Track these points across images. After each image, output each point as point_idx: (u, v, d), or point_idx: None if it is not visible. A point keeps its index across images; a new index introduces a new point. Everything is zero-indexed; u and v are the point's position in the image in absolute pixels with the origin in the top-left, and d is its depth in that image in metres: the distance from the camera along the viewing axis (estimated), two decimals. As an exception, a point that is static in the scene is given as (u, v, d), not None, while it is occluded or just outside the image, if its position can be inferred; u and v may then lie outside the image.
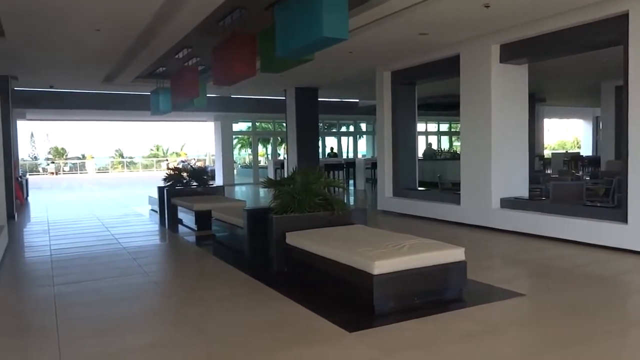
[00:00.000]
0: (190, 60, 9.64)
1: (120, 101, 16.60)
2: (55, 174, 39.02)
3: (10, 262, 6.38)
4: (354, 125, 25.04)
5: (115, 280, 5.37)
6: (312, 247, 4.75)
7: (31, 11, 6.28)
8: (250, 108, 19.48)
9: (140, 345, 3.51)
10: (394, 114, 10.17)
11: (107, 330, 3.77)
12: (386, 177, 10.30)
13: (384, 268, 3.91)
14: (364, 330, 3.61)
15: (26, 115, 17.09)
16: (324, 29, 4.48)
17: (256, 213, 6.13)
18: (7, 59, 8.87)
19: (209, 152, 38.68)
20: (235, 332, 3.67)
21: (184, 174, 11.03)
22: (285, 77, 11.16)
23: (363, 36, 7.56)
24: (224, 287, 5.04)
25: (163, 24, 6.87)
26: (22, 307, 4.63)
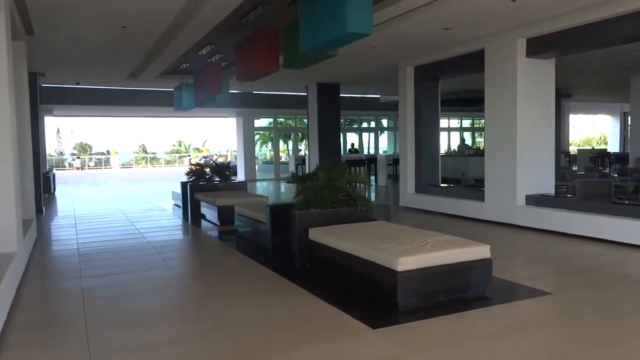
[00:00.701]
0: (213, 57, 9.70)
1: (144, 97, 16.82)
2: (81, 169, 39.79)
3: (39, 255, 6.52)
4: (376, 121, 24.91)
5: (140, 274, 5.45)
6: (335, 243, 4.74)
7: (59, 10, 6.40)
8: (272, 104, 19.55)
9: (166, 338, 3.55)
10: (417, 110, 10.08)
11: (133, 323, 3.83)
12: (408, 173, 10.23)
13: (408, 265, 3.89)
14: (388, 327, 3.60)
15: (53, 111, 17.42)
16: (348, 24, 4.45)
17: (279, 208, 6.16)
18: (36, 56, 9.05)
19: (230, 148, 38.93)
20: (259, 327, 3.69)
21: (206, 169, 11.13)
22: (307, 73, 11.14)
23: (386, 31, 7.50)
24: (247, 282, 5.08)
25: (187, 20, 6.92)
26: (52, 299, 4.74)
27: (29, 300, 4.50)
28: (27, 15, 6.62)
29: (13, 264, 4.44)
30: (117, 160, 44.43)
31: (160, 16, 6.76)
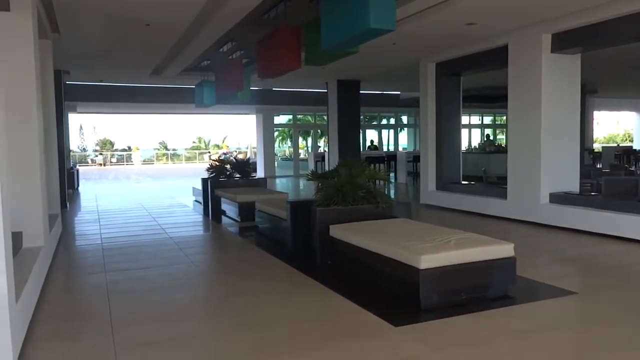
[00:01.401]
0: (234, 54, 9.74)
1: (166, 94, 17.00)
2: (103, 165, 40.41)
3: (64, 249, 6.64)
4: (395, 118, 24.77)
5: (163, 269, 5.51)
6: (356, 240, 4.73)
7: (85, 8, 6.49)
8: (292, 101, 19.57)
9: (188, 333, 3.58)
10: (438, 106, 10.00)
11: (156, 318, 3.87)
12: (429, 170, 10.16)
13: (430, 262, 3.86)
14: (410, 325, 3.58)
15: (77, 108, 17.72)
16: (371, 20, 4.41)
17: (299, 205, 6.16)
18: (61, 54, 9.20)
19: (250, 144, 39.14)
20: (281, 323, 3.70)
21: (227, 166, 11.20)
22: (327, 69, 11.13)
23: (408, 27, 7.44)
24: (268, 278, 5.09)
25: (209, 17, 6.96)
26: (77, 292, 4.82)
27: (55, 293, 4.59)
28: (53, 13, 6.73)
29: (40, 258, 4.53)
30: (138, 157, 45.00)
31: (183, 13, 6.82)
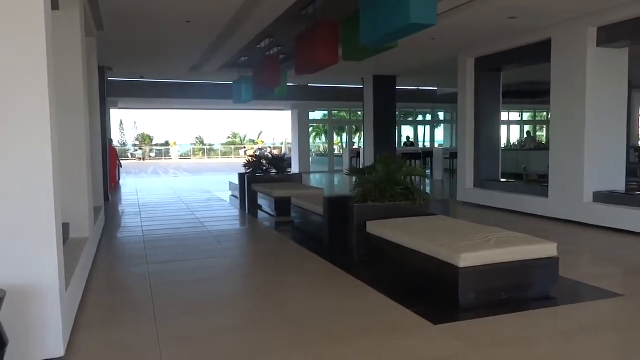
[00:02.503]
0: (272, 50, 9.82)
1: (204, 90, 17.29)
2: (143, 159, 41.48)
3: (108, 241, 6.86)
4: (432, 114, 24.46)
5: (202, 261, 5.63)
6: (394, 236, 4.71)
7: (128, 6, 6.66)
8: (327, 96, 19.59)
9: (227, 325, 3.65)
10: (477, 102, 9.82)
11: (197, 309, 3.95)
12: (467, 167, 10.00)
13: (470, 261, 3.80)
14: (449, 324, 3.54)
15: (118, 104, 18.21)
16: (411, 15, 4.37)
17: (336, 201, 6.17)
18: (104, 51, 9.48)
19: (285, 140, 39.39)
20: (319, 317, 3.72)
21: (263, 161, 11.32)
22: (363, 65, 11.07)
23: (447, 21, 7.33)
24: (305, 273, 5.13)
25: (248, 14, 7.04)
26: (121, 283, 4.97)
27: (100, 283, 4.75)
28: (98, 11, 6.94)
29: (86, 249, 4.69)
30: (176, 152, 45.98)
31: (222, 11, 6.92)
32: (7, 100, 2.73)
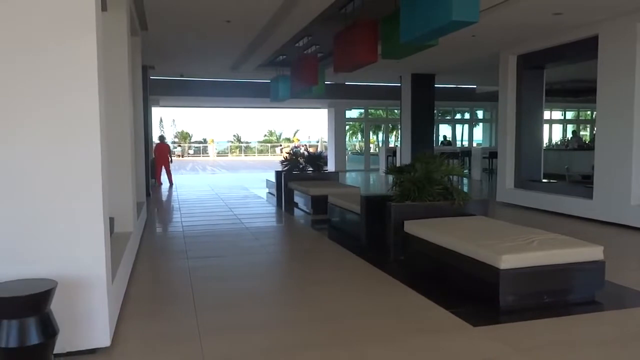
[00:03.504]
0: (310, 48, 9.85)
1: (242, 88, 17.51)
2: (181, 156, 42.36)
3: (149, 235, 7.05)
4: (470, 113, 24.03)
5: (240, 257, 5.71)
6: (433, 236, 4.66)
7: (172, 7, 6.82)
8: (364, 94, 19.53)
9: (266, 320, 3.70)
10: (519, 100, 9.60)
11: (236, 304, 4.02)
12: (507, 167, 9.79)
13: (511, 263, 3.73)
14: (489, 326, 3.49)
15: (159, 102, 18.65)
16: (453, 12, 4.31)
17: (373, 200, 6.15)
18: (147, 50, 9.73)
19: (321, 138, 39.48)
20: (356, 316, 3.72)
21: (300, 159, 11.38)
22: (402, 63, 10.98)
23: (489, 18, 7.19)
24: (342, 270, 5.14)
25: (287, 13, 7.09)
26: (162, 276, 5.10)
27: (142, 276, 4.88)
28: (142, 11, 7.13)
29: (130, 243, 4.83)
30: (213, 149, 46.74)
31: (263, 10, 6.99)
32: (61, 99, 2.84)
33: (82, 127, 2.88)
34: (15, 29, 2.74)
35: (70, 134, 2.86)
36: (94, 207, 2.93)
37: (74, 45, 2.84)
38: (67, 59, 2.83)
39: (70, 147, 2.87)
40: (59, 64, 2.82)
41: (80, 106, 2.87)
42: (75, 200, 2.89)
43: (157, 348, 3.17)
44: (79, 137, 2.88)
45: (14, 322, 2.41)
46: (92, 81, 2.89)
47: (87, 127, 2.89)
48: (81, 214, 2.91)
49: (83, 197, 2.91)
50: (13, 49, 2.75)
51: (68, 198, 2.88)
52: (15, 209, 2.79)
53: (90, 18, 2.86)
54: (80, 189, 2.90)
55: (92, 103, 2.89)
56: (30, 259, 2.82)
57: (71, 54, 2.84)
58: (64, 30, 2.82)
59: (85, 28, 2.85)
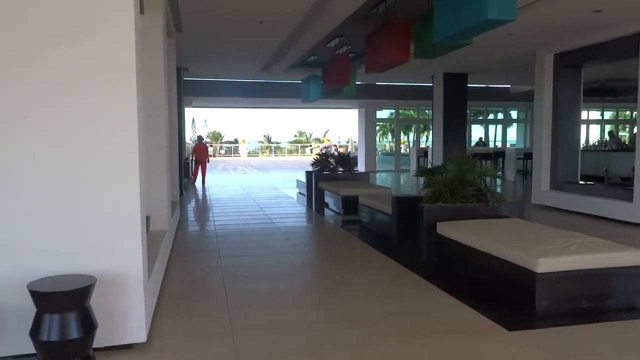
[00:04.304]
0: (341, 49, 9.85)
1: (273, 89, 17.63)
2: (213, 156, 42.88)
3: (183, 234, 7.16)
4: (504, 113, 23.57)
5: (271, 256, 5.75)
6: (466, 238, 4.59)
7: (207, 9, 6.92)
8: (395, 95, 19.40)
9: (297, 320, 3.71)
10: (555, 100, 9.37)
11: (267, 303, 4.05)
12: (543, 168, 9.56)
13: (548, 266, 3.64)
14: (525, 331, 3.41)
15: (192, 102, 18.95)
16: (489, 10, 4.23)
17: (405, 201, 6.11)
18: (182, 52, 9.90)
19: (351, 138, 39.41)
20: (388, 317, 3.70)
21: (330, 159, 11.38)
22: (434, 62, 10.85)
23: (525, 16, 7.02)
24: (372, 271, 5.11)
25: (319, 13, 7.10)
26: (196, 274, 5.15)
27: (176, 274, 4.96)
28: (178, 14, 7.26)
29: (164, 241, 4.93)
30: (244, 149, 47.19)
31: (295, 11, 7.02)
32: (101, 100, 2.91)
33: (121, 128, 2.95)
34: (58, 30, 2.82)
35: (109, 135, 2.93)
36: (131, 205, 3.00)
37: (114, 47, 2.91)
38: (107, 61, 2.90)
39: (110, 146, 2.94)
40: (100, 66, 2.89)
41: (119, 107, 2.94)
42: (114, 199, 2.96)
43: (191, 345, 3.22)
44: (117, 137, 2.95)
45: (55, 317, 2.48)
46: (131, 83, 2.95)
47: (126, 127, 2.96)
48: (119, 212, 2.98)
49: (121, 195, 2.97)
50: (54, 50, 2.83)
51: (107, 196, 2.95)
52: (56, 207, 2.88)
53: (129, 21, 2.92)
54: (119, 187, 2.97)
55: (130, 104, 2.96)
56: (70, 256, 2.90)
57: (111, 56, 2.91)
58: (104, 32, 2.89)
59: (125, 30, 2.92)
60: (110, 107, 2.93)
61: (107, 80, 2.91)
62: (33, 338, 2.48)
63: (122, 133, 2.95)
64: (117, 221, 2.98)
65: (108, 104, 2.93)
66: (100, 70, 2.89)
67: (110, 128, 2.93)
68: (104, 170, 2.94)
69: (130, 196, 2.99)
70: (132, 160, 2.98)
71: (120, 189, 2.97)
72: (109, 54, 2.90)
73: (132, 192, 2.99)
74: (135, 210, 3.01)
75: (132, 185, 2.99)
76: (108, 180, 2.95)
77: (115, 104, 2.94)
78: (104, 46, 2.89)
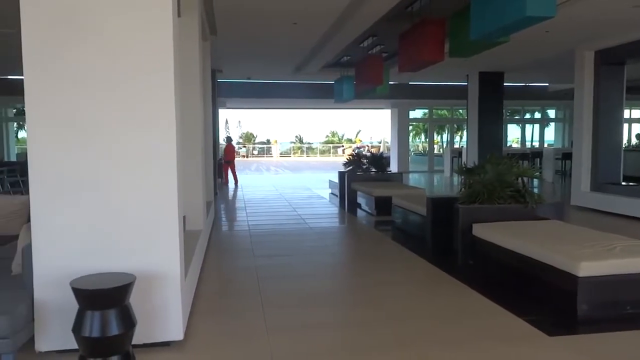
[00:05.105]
0: (374, 48, 9.80)
1: (305, 90, 17.69)
2: (246, 157, 43.40)
3: (217, 234, 7.26)
4: (541, 112, 22.98)
5: (304, 257, 5.76)
6: (503, 240, 4.49)
7: (242, 11, 7.00)
8: (428, 94, 19.19)
9: (330, 320, 3.71)
10: (596, 98, 9.07)
11: (300, 303, 4.06)
12: (583, 169, 9.28)
13: (591, 270, 3.53)
14: (566, 336, 3.31)
15: (226, 104, 19.19)
16: (528, 7, 4.13)
17: (440, 202, 6.02)
18: (216, 54, 10.03)
19: (383, 139, 39.18)
20: (422, 318, 3.65)
21: (363, 160, 11.33)
22: (469, 61, 10.68)
23: (565, 12, 6.83)
24: (407, 273, 5.06)
25: (353, 13, 7.08)
26: (231, 274, 5.22)
27: (211, 274, 5.03)
28: (213, 17, 7.36)
29: (200, 241, 5.00)
30: (277, 150, 47.54)
31: (329, 11, 7.02)
32: (141, 104, 2.97)
33: (160, 130, 3.00)
34: (102, 37, 2.90)
35: (148, 136, 2.99)
36: (169, 205, 3.05)
37: (153, 50, 2.96)
38: (146, 64, 2.96)
39: (149, 148, 2.99)
40: (139, 68, 2.95)
41: (158, 110, 2.99)
42: (152, 199, 3.02)
43: (228, 344, 3.25)
44: (156, 139, 3.00)
45: (96, 314, 2.54)
46: (169, 85, 3.00)
47: (164, 129, 3.01)
48: (158, 212, 3.03)
49: (160, 196, 3.03)
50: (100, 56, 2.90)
51: (147, 197, 3.00)
52: (99, 207, 2.95)
53: (167, 24, 2.97)
54: (158, 188, 3.02)
55: (168, 105, 3.01)
56: (111, 254, 2.97)
57: (150, 59, 2.96)
58: (144, 37, 2.95)
59: (164, 34, 2.96)
60: (149, 108, 2.98)
61: (147, 82, 2.96)
62: (75, 334, 2.54)
63: (161, 134, 3.01)
64: (155, 221, 3.03)
65: (147, 106, 2.98)
66: (140, 73, 2.95)
67: (150, 130, 2.99)
68: (144, 171, 3.00)
69: (169, 196, 3.04)
70: (170, 162, 3.03)
71: (159, 189, 3.02)
72: (148, 57, 2.95)
73: (170, 193, 3.04)
74: (173, 209, 3.06)
75: (171, 186, 3.04)
76: (148, 181, 3.00)
77: (154, 105, 2.99)
78: (142, 52, 2.94)
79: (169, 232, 3.06)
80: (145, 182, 3.00)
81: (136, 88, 2.96)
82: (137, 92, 2.96)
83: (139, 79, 2.96)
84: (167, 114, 3.01)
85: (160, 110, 3.00)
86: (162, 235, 3.05)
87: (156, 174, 3.01)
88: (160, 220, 3.04)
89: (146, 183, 3.00)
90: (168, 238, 3.06)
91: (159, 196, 3.02)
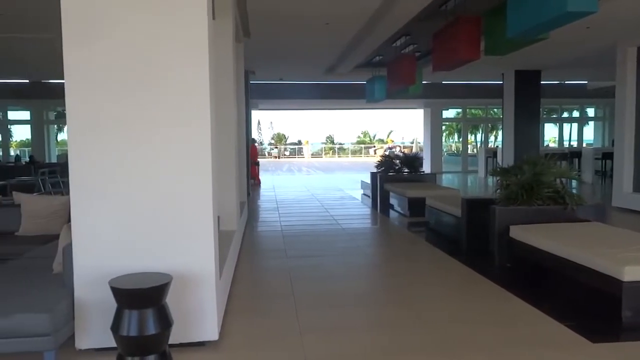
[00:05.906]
0: (407, 48, 9.70)
1: (337, 90, 17.68)
2: (278, 157, 43.68)
3: (250, 234, 7.31)
4: (580, 111, 22.32)
5: (337, 258, 5.74)
6: (542, 243, 4.36)
7: (275, 13, 7.04)
8: (462, 94, 18.91)
9: (363, 322, 3.68)
10: (639, 96, 8.74)
11: (334, 304, 4.03)
12: (625, 169, 8.96)
13: (636, 274, 3.39)
14: (610, 343, 3.19)
15: (258, 105, 19.35)
16: (569, 2, 4.00)
17: (475, 203, 5.91)
18: (249, 56, 10.12)
19: (415, 139, 38.80)
20: (457, 322, 3.57)
21: (395, 160, 11.22)
22: (505, 59, 10.45)
23: (607, 7, 6.59)
24: (441, 275, 4.98)
25: (386, 13, 7.02)
26: (264, 274, 5.24)
27: (245, 274, 5.06)
28: (246, 19, 7.42)
29: (234, 241, 5.03)
30: (308, 150, 47.66)
31: (361, 10, 6.99)
32: (179, 106, 3.01)
33: (195, 130, 3.03)
34: (139, 39, 2.95)
35: (184, 137, 3.02)
36: (204, 206, 3.07)
37: (189, 51, 3.00)
38: (182, 64, 2.99)
39: (185, 149, 3.03)
40: (175, 69, 2.99)
41: (194, 110, 3.03)
42: (188, 200, 3.05)
43: (262, 344, 3.26)
44: (193, 140, 3.03)
45: (134, 313, 2.58)
46: (205, 86, 3.03)
47: (200, 131, 3.04)
48: (193, 213, 3.06)
49: (195, 197, 3.06)
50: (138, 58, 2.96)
51: (183, 198, 3.04)
52: (136, 208, 3.00)
53: (203, 24, 3.00)
54: (193, 189, 3.05)
55: (204, 107, 3.04)
56: (148, 254, 3.01)
57: (186, 60, 2.99)
58: (180, 37, 2.98)
59: (199, 36, 3.00)
60: (185, 109, 3.01)
61: (182, 83, 3.00)
62: (114, 332, 2.59)
63: (197, 135, 3.04)
64: (191, 221, 3.06)
65: (183, 107, 3.01)
66: (176, 73, 2.99)
67: (186, 132, 3.02)
68: (180, 172, 3.03)
69: (204, 196, 3.07)
70: (205, 163, 3.06)
71: (195, 190, 3.05)
72: (184, 59, 2.99)
73: (205, 194, 3.07)
74: (208, 210, 3.09)
75: (206, 187, 3.07)
76: (184, 182, 3.04)
77: (190, 106, 3.02)
78: (178, 54, 2.98)
79: (204, 233, 3.09)
80: (181, 183, 3.04)
81: (172, 89, 2.99)
82: (172, 93, 3.00)
83: (175, 80, 2.99)
84: (202, 114, 3.04)
85: (196, 111, 3.03)
86: (197, 236, 3.08)
87: (192, 175, 3.05)
88: (195, 220, 3.07)
89: (182, 184, 3.04)
90: (203, 238, 3.09)
91: (194, 197, 3.05)
